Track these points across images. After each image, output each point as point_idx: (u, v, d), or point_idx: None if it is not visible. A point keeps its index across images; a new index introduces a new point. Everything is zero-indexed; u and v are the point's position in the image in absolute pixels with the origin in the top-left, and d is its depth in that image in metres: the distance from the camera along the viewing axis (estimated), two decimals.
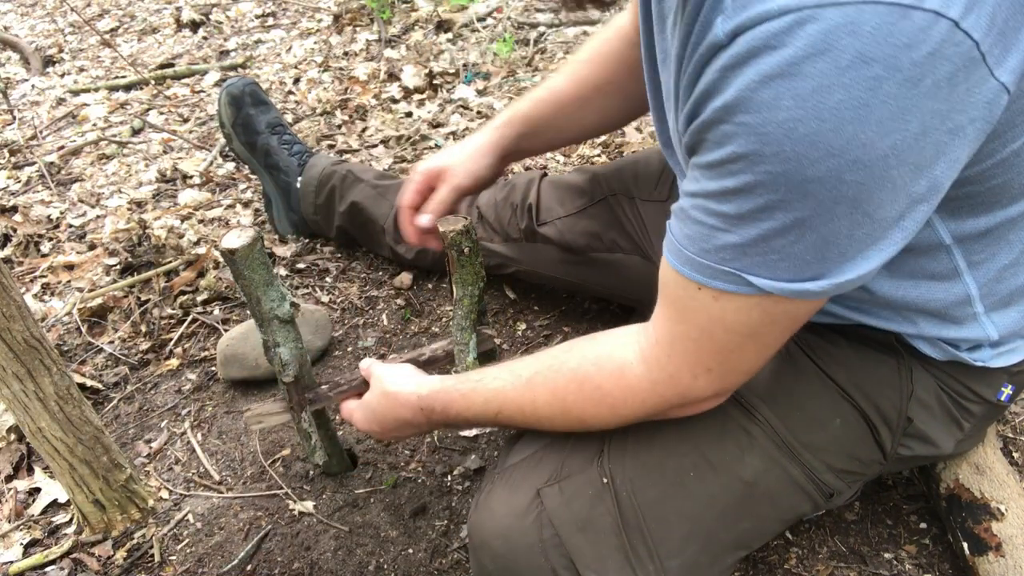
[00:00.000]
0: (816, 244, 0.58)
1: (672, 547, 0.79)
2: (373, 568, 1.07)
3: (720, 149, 0.57)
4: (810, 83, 0.51)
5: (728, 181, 0.58)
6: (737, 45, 0.53)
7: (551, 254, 1.33)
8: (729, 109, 0.55)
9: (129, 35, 2.93)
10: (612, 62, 1.06)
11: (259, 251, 0.91)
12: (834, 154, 0.52)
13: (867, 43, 0.49)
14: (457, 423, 0.89)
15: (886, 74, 0.50)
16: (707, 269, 0.63)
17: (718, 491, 0.81)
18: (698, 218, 0.62)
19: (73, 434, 1.02)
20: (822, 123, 0.51)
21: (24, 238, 1.74)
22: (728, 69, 0.54)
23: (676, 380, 0.72)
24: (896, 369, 0.82)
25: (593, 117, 1.11)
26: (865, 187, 0.54)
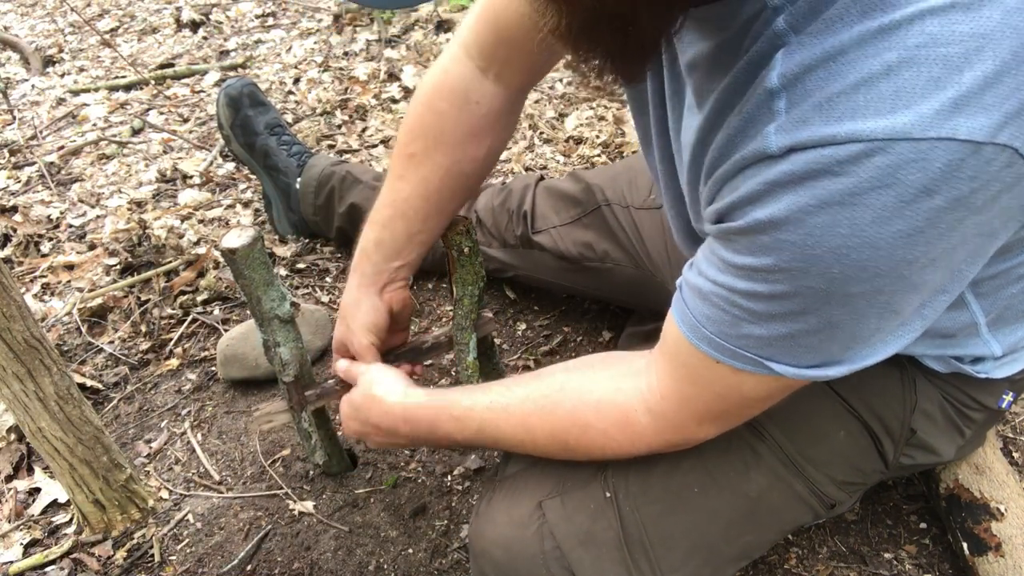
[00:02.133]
0: (843, 340, 0.60)
1: (674, 562, 0.79)
2: (373, 568, 1.07)
3: (756, 257, 0.56)
4: (870, 214, 0.50)
5: (761, 286, 0.58)
6: (792, 163, 0.52)
7: (547, 261, 1.33)
8: (775, 224, 0.54)
9: (129, 35, 2.92)
10: (455, 139, 0.95)
11: (259, 251, 0.91)
12: (880, 275, 0.53)
13: (934, 178, 0.48)
14: (441, 442, 0.88)
15: (946, 204, 0.50)
16: (727, 350, 0.63)
17: (722, 507, 0.81)
18: (722, 307, 0.62)
19: (73, 434, 1.02)
20: (876, 251, 0.51)
21: (24, 238, 1.74)
22: (779, 185, 0.53)
23: (683, 429, 0.73)
24: (900, 381, 0.82)
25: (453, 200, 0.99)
26: (899, 293, 0.55)
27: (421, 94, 0.97)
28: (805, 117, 0.51)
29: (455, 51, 0.94)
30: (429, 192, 0.96)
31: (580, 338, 1.40)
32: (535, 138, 1.99)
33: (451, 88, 0.94)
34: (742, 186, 0.56)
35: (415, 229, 0.98)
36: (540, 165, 1.88)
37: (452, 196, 0.98)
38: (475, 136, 0.95)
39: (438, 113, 0.95)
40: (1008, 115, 0.48)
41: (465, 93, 0.93)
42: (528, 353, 1.38)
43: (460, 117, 0.94)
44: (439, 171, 0.95)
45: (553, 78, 2.26)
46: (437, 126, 0.95)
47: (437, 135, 0.95)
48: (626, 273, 1.25)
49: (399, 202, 0.97)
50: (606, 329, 1.41)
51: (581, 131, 1.99)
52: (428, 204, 0.97)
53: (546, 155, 1.92)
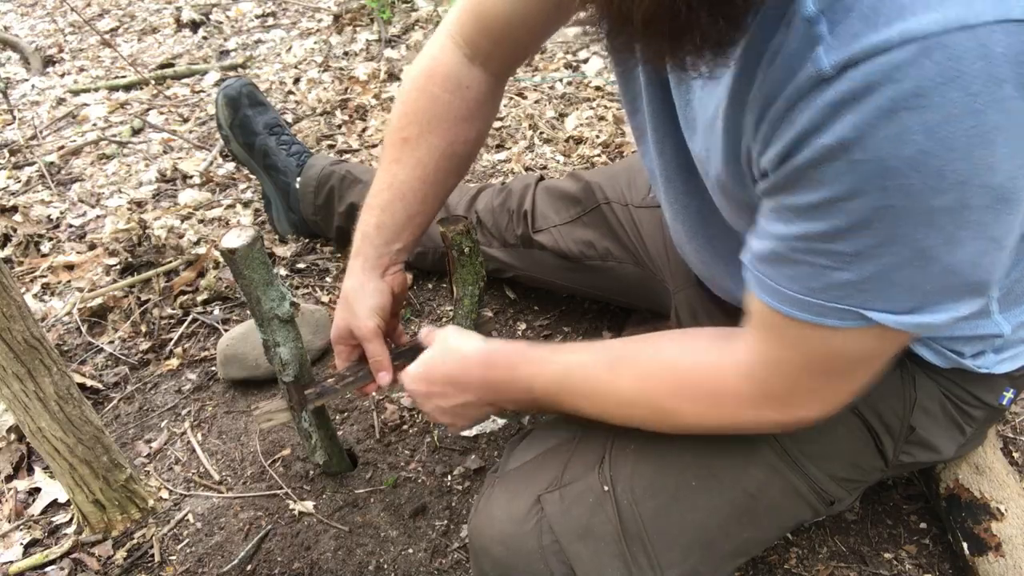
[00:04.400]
0: (939, 274, 0.56)
1: (673, 556, 0.79)
2: (373, 568, 1.07)
3: (830, 188, 0.54)
4: (940, 113, 0.48)
5: (840, 220, 0.55)
6: (849, 79, 0.49)
7: (547, 260, 1.33)
8: (844, 147, 0.51)
9: (129, 35, 2.93)
10: (447, 122, 0.98)
11: (259, 251, 0.91)
12: (962, 181, 0.50)
13: (999, 64, 0.47)
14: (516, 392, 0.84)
15: (1016, 93, 0.48)
16: (816, 307, 0.60)
17: (720, 502, 0.80)
18: (802, 260, 0.59)
19: (73, 434, 1.02)
20: (952, 152, 0.49)
21: (24, 238, 1.74)
22: (840, 105, 0.50)
23: (779, 399, 0.69)
24: (899, 377, 0.82)
25: (448, 181, 1.03)
26: (991, 210, 0.52)
27: (412, 80, 1.00)
28: (853, 31, 0.49)
29: (443, 40, 0.97)
30: (426, 174, 0.98)
31: (580, 338, 1.40)
32: (535, 138, 1.99)
33: (443, 74, 0.97)
34: (799, 118, 0.53)
35: (414, 211, 1.00)
36: (540, 165, 1.88)
37: (447, 177, 1.01)
38: (467, 119, 0.99)
39: (432, 98, 0.98)
40: None
41: (457, 79, 0.97)
42: None
43: (453, 101, 0.97)
44: (435, 153, 0.98)
45: (553, 78, 2.26)
46: (431, 110, 0.98)
47: (431, 119, 0.98)
48: (627, 271, 1.25)
49: (397, 185, 0.99)
50: (606, 329, 1.41)
51: (581, 131, 1.99)
52: (425, 185, 0.99)
53: (546, 155, 1.92)
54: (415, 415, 1.28)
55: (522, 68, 2.34)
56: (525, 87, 2.24)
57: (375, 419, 1.27)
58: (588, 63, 2.32)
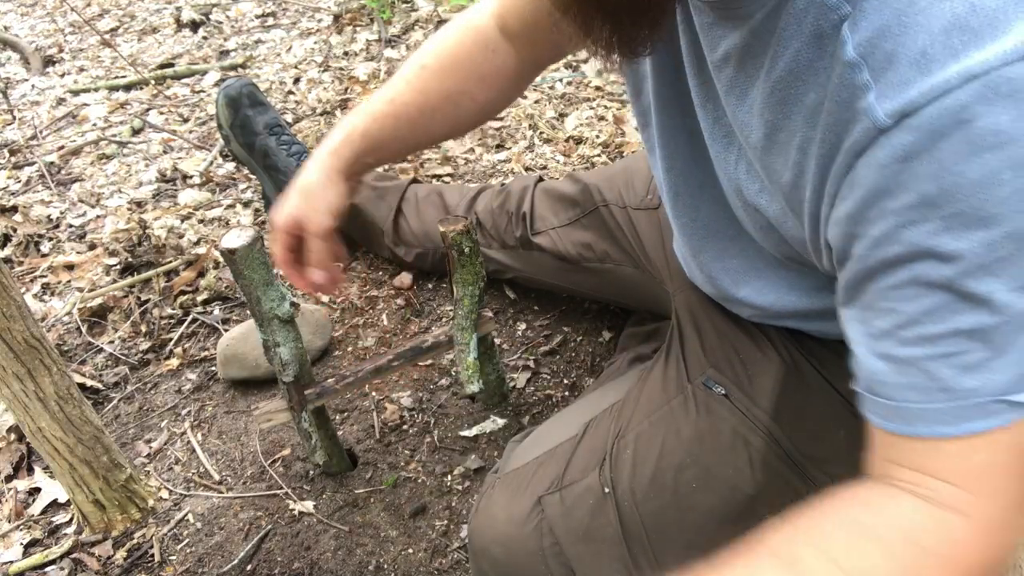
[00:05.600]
0: None
1: (672, 558, 0.79)
2: (373, 568, 1.07)
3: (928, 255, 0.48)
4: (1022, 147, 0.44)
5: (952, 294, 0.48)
6: (909, 129, 0.46)
7: (546, 262, 1.33)
8: (929, 204, 0.46)
9: (129, 35, 2.93)
10: (465, 71, 0.99)
11: (259, 251, 0.91)
12: None
13: None
14: None
15: None
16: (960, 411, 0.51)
17: (720, 504, 0.80)
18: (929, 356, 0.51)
19: (73, 434, 1.02)
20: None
21: (24, 238, 1.74)
22: (907, 160, 0.46)
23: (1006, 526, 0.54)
24: None
25: (441, 128, 1.04)
26: None
27: (454, 24, 1.02)
28: (903, 78, 0.46)
29: (487, 4, 0.99)
30: (427, 104, 0.98)
31: (580, 338, 1.40)
32: (535, 138, 1.99)
33: (477, 30, 0.99)
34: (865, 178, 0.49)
35: (402, 134, 1.00)
36: (540, 165, 1.88)
37: (444, 121, 1.01)
38: (483, 79, 0.99)
39: (460, 43, 0.99)
40: None
41: (486, 38, 0.98)
42: (528, 353, 1.38)
43: (477, 56, 0.98)
44: (442, 92, 0.99)
45: (553, 78, 2.26)
46: (456, 53, 0.99)
47: (453, 60, 0.99)
48: (626, 273, 1.25)
49: (398, 102, 0.99)
50: (606, 329, 1.41)
51: (581, 131, 1.99)
52: (423, 116, 0.99)
53: (546, 155, 1.92)
54: (415, 415, 1.28)
55: None
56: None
57: (375, 419, 1.27)
58: (588, 63, 2.32)
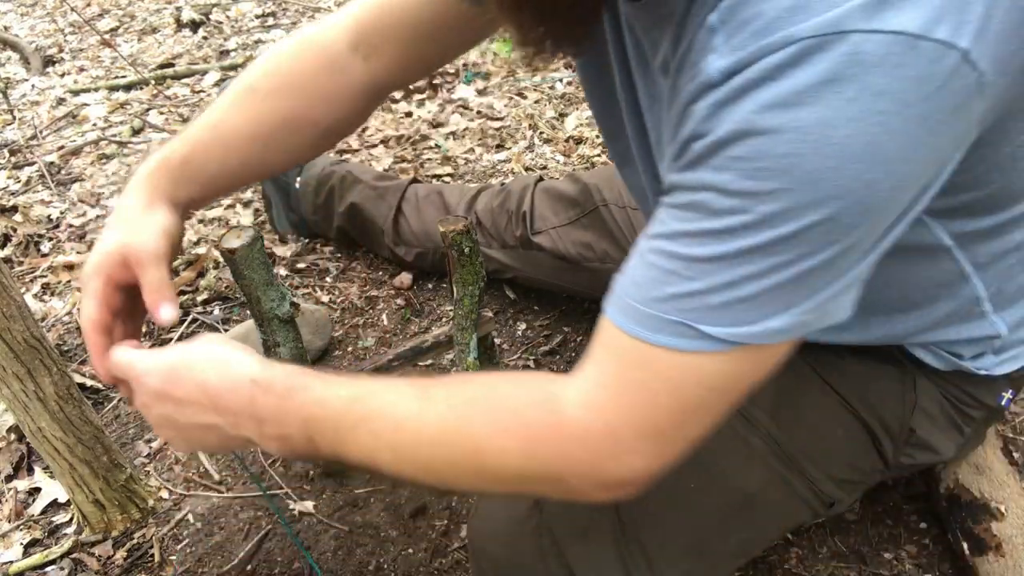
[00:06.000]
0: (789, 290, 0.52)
1: (671, 557, 0.79)
2: (373, 568, 1.07)
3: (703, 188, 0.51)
4: (814, 115, 0.47)
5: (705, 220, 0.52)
6: (732, 83, 0.49)
7: (546, 262, 1.33)
8: (720, 143, 0.50)
9: (129, 35, 2.93)
10: (306, 93, 0.87)
11: (259, 251, 0.91)
12: (835, 196, 0.48)
13: (875, 75, 0.46)
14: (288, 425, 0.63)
15: (895, 109, 0.46)
16: (653, 320, 0.54)
17: (718, 502, 0.80)
18: (652, 264, 0.55)
19: (73, 434, 1.02)
20: (825, 160, 0.47)
21: (24, 238, 1.74)
22: (719, 105, 0.49)
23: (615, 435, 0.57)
24: (899, 380, 0.82)
25: (277, 157, 0.90)
26: (860, 228, 0.50)
27: (290, 42, 0.90)
28: (742, 42, 0.49)
29: (338, 19, 0.89)
30: (259, 134, 0.86)
31: (580, 338, 1.40)
32: (535, 138, 1.99)
33: (322, 46, 0.88)
34: (689, 123, 0.52)
35: (230, 165, 0.86)
36: (540, 165, 1.88)
37: (277, 151, 0.89)
38: (327, 99, 0.89)
39: (300, 60, 0.88)
40: (940, 8, 0.46)
41: (334, 56, 0.88)
42: (528, 353, 1.38)
43: (319, 74, 0.88)
44: (276, 116, 0.86)
45: (553, 78, 2.26)
46: (293, 71, 0.88)
47: (289, 79, 0.87)
48: None
49: (224, 129, 0.86)
50: None
51: (581, 131, 1.99)
52: (254, 145, 0.86)
53: (546, 155, 1.92)
54: None
55: (521, 68, 2.34)
56: (525, 87, 2.24)
57: None
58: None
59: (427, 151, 1.98)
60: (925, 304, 0.75)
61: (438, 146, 1.99)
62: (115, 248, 0.76)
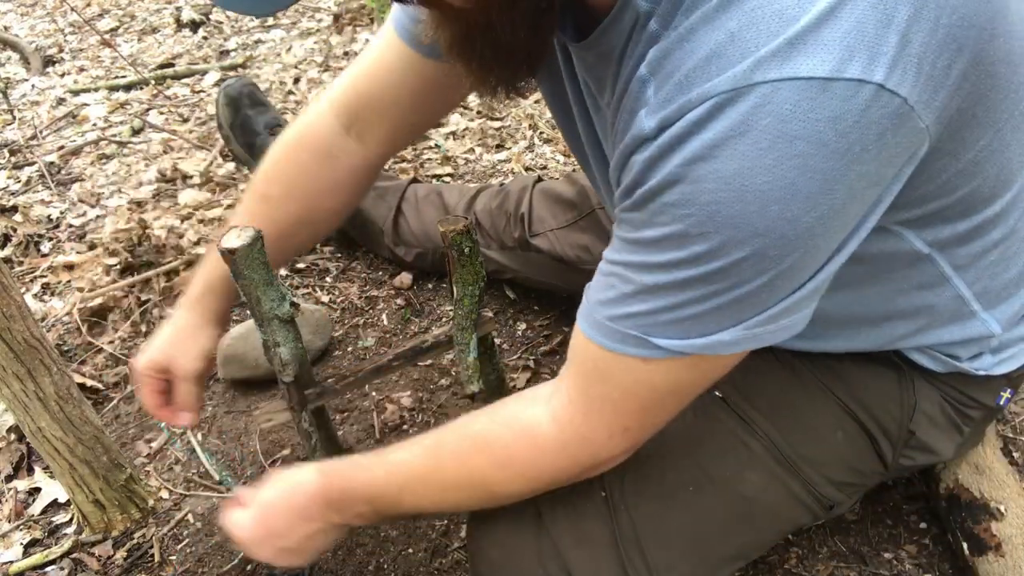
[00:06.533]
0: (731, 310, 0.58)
1: (669, 561, 0.79)
2: (373, 568, 1.07)
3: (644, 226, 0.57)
4: (732, 165, 0.50)
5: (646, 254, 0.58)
6: (662, 138, 0.53)
7: (545, 263, 1.33)
8: (654, 192, 0.55)
9: (129, 35, 2.93)
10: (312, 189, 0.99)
11: (259, 251, 0.91)
12: (759, 234, 0.52)
13: (788, 121, 0.48)
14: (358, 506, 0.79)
15: (812, 150, 0.48)
16: (616, 334, 0.62)
17: (717, 506, 0.80)
18: (613, 285, 0.62)
19: (73, 434, 1.02)
20: (746, 205, 0.51)
21: (24, 238, 1.74)
22: (655, 159, 0.54)
23: (590, 440, 0.69)
24: (897, 383, 0.82)
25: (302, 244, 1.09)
26: (788, 258, 0.54)
27: (284, 143, 1.00)
28: (669, 96, 0.53)
29: (323, 107, 0.97)
30: (280, 233, 0.96)
31: None
32: (535, 138, 1.99)
33: (314, 141, 0.98)
34: (631, 172, 0.57)
35: None
36: (540, 165, 1.88)
37: (298, 244, 1.05)
38: (331, 191, 1.00)
39: (298, 164, 0.98)
40: (851, 48, 0.47)
41: (328, 148, 0.97)
42: (528, 353, 1.38)
43: (319, 171, 0.98)
44: (290, 218, 0.98)
45: None
46: (295, 176, 0.98)
47: (294, 184, 0.98)
48: None
49: None
50: None
51: None
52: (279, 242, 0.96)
53: (546, 155, 1.92)
54: (415, 415, 1.28)
55: None
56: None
57: (375, 419, 1.27)
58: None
59: (427, 151, 1.98)
60: (911, 309, 0.75)
61: (438, 146, 1.99)
62: (162, 359, 0.96)
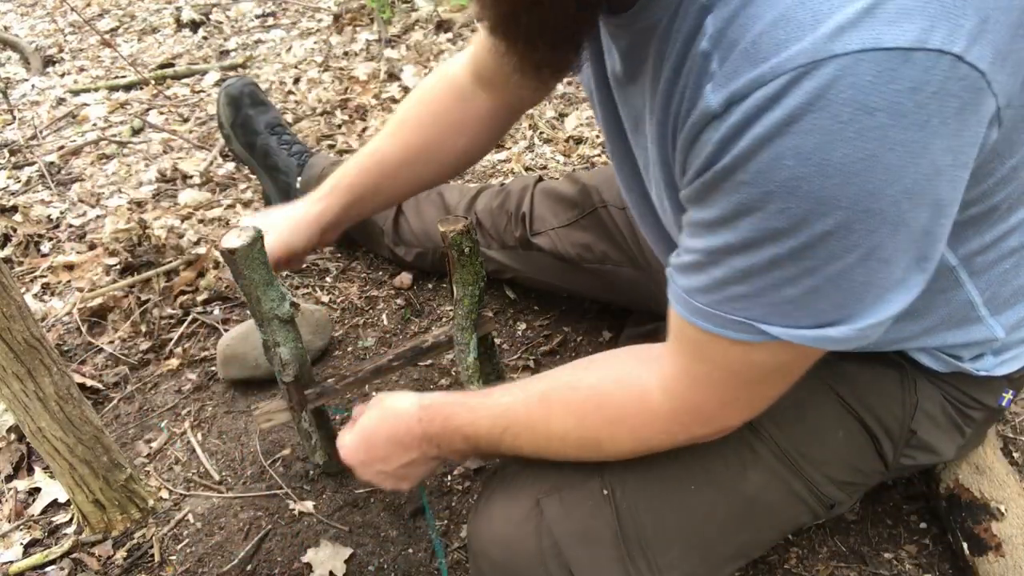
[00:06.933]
0: (830, 292, 0.57)
1: (671, 559, 0.79)
2: (373, 568, 1.07)
3: (721, 207, 0.56)
4: (811, 140, 0.49)
5: (731, 236, 0.57)
6: (733, 115, 0.52)
7: (546, 263, 1.33)
8: (729, 169, 0.54)
9: (129, 35, 2.93)
10: (441, 121, 1.07)
11: (259, 251, 0.91)
12: (842, 207, 0.51)
13: (868, 93, 0.47)
14: (456, 442, 0.82)
15: (891, 121, 0.48)
16: (719, 319, 0.62)
17: (719, 505, 0.80)
18: (704, 272, 0.61)
19: (73, 434, 1.02)
20: (827, 179, 0.50)
21: (24, 238, 1.74)
22: (728, 139, 0.53)
23: (700, 410, 0.70)
24: (899, 383, 0.82)
25: (423, 178, 1.13)
26: (876, 234, 0.53)
27: (429, 79, 1.11)
28: (735, 67, 0.51)
29: (464, 57, 1.06)
30: (407, 158, 1.07)
31: (580, 338, 1.40)
32: (535, 138, 1.99)
33: (451, 81, 1.07)
34: (702, 152, 0.56)
35: (384, 185, 1.10)
36: (540, 165, 1.88)
37: (423, 172, 1.11)
38: (458, 127, 1.07)
39: (436, 96, 1.08)
40: (933, 17, 0.46)
41: (460, 88, 1.06)
42: (528, 353, 1.38)
43: (451, 105, 1.07)
44: (420, 144, 1.08)
45: None
46: (431, 106, 1.08)
47: (429, 112, 1.08)
48: (625, 274, 1.25)
49: (380, 156, 1.09)
50: (606, 329, 1.41)
51: (581, 131, 1.99)
52: (403, 168, 1.08)
53: (546, 155, 1.92)
54: None
55: None
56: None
57: None
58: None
59: None
60: (921, 311, 0.75)
61: None
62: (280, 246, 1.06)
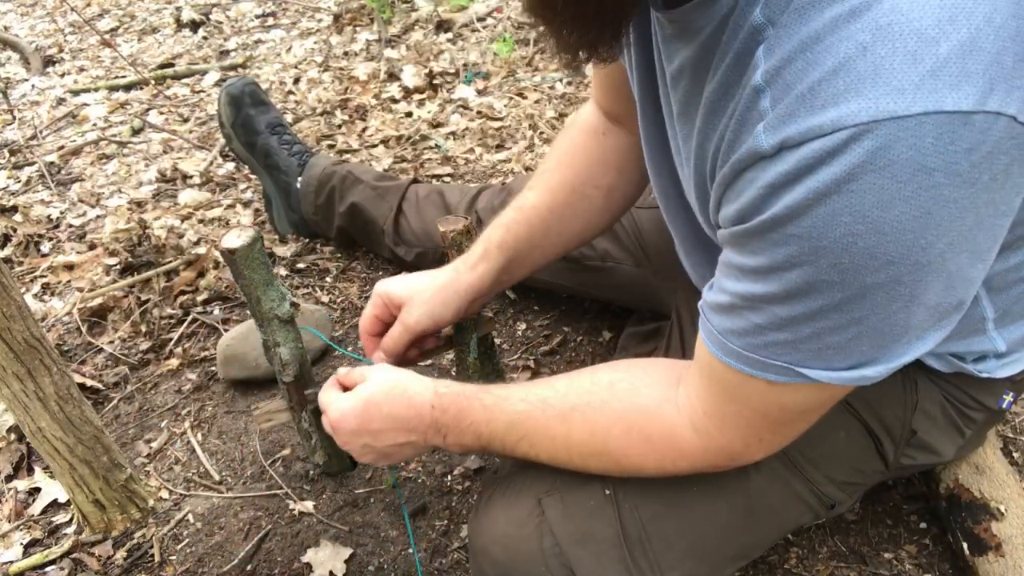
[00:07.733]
0: (871, 336, 0.58)
1: (672, 560, 0.79)
2: (373, 568, 1.07)
3: (768, 256, 0.56)
4: (869, 199, 0.49)
5: (776, 286, 0.57)
6: (785, 162, 0.51)
7: None
8: (779, 221, 0.53)
9: (129, 35, 2.93)
10: (584, 160, 1.01)
11: (259, 251, 0.91)
12: (893, 262, 0.52)
13: (927, 155, 0.47)
14: (466, 438, 0.80)
15: (947, 180, 0.48)
16: (757, 363, 0.62)
17: (720, 506, 0.80)
18: (744, 316, 0.61)
19: (73, 434, 1.02)
20: (882, 236, 0.50)
21: (24, 238, 1.74)
22: (777, 186, 0.52)
23: (728, 449, 0.71)
24: (901, 382, 0.82)
25: (575, 224, 1.02)
26: (922, 283, 0.54)
27: (562, 133, 1.07)
28: (790, 111, 0.51)
29: (588, 103, 1.04)
30: (555, 204, 0.99)
31: (580, 338, 1.40)
32: (535, 138, 1.99)
33: (585, 121, 1.03)
34: (745, 192, 0.56)
35: (535, 239, 1.00)
36: None
37: (572, 218, 1.01)
38: (600, 164, 1.01)
39: (571, 138, 1.04)
40: (993, 80, 0.47)
41: (594, 127, 1.02)
42: (528, 353, 1.38)
43: (589, 144, 1.02)
44: (565, 186, 1.00)
45: (553, 78, 2.26)
46: (570, 148, 1.03)
47: (568, 155, 1.03)
48: (626, 272, 1.25)
49: (526, 208, 1.00)
50: (606, 329, 1.41)
51: None
52: (551, 215, 0.99)
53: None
54: None
55: (521, 68, 2.34)
56: (525, 87, 2.24)
57: None
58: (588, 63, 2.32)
59: (427, 151, 1.98)
60: None
61: (438, 146, 1.99)
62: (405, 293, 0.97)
